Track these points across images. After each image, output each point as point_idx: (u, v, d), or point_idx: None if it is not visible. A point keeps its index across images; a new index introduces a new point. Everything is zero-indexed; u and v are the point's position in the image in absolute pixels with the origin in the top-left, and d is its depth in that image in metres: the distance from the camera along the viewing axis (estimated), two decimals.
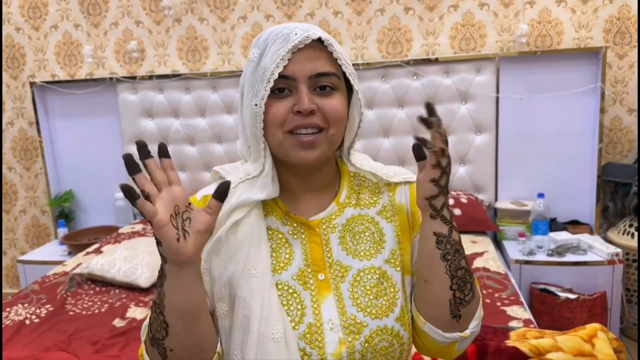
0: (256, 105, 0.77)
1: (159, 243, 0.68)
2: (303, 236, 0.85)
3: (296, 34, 0.76)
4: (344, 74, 0.81)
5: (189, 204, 0.70)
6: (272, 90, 0.77)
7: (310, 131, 0.78)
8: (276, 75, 0.75)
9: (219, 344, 0.80)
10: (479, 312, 0.84)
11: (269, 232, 0.85)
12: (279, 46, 0.76)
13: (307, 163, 0.79)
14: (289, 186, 0.86)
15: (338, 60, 0.79)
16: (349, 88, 0.83)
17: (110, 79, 3.03)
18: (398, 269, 0.85)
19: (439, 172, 0.75)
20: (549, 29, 2.67)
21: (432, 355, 0.89)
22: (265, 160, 0.82)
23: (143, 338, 0.81)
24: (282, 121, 0.77)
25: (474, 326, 0.82)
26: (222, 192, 0.71)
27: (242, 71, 0.83)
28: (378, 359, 0.80)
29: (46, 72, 3.18)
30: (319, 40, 0.77)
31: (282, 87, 0.77)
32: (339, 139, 0.82)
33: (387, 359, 0.81)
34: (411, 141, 3.04)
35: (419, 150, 0.76)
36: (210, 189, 0.88)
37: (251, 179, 0.82)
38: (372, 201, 0.89)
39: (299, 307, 0.80)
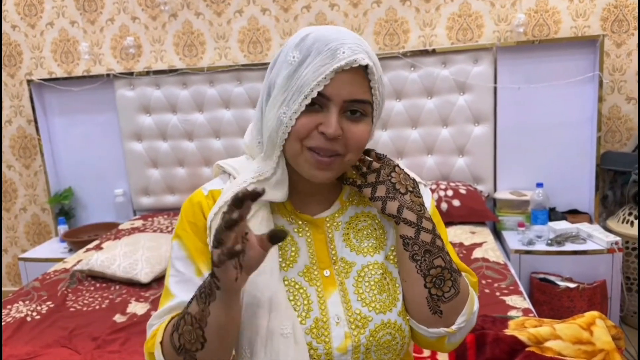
0: (285, 114, 0.76)
1: (215, 275, 0.69)
2: (308, 234, 0.86)
3: (344, 53, 0.74)
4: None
5: (246, 233, 0.68)
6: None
7: (328, 153, 0.78)
8: (315, 94, 0.74)
9: None
10: (468, 309, 0.84)
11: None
12: (324, 62, 0.74)
13: (317, 181, 0.81)
14: (296, 185, 0.86)
15: (372, 90, 0.78)
16: None
17: (108, 75, 3.03)
18: (396, 265, 0.86)
19: (370, 188, 0.84)
20: (546, 18, 2.66)
21: (427, 348, 0.90)
22: (278, 166, 0.82)
23: (159, 340, 0.80)
24: (304, 136, 0.77)
25: (461, 322, 0.83)
26: (278, 239, 0.67)
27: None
28: (381, 352, 0.82)
29: (43, 69, 3.18)
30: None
31: (315, 103, 0.76)
32: (352, 163, 0.84)
33: (389, 352, 0.83)
34: (409, 133, 3.02)
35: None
36: (216, 184, 0.89)
37: (263, 180, 0.82)
38: None
39: (306, 302, 0.82)
